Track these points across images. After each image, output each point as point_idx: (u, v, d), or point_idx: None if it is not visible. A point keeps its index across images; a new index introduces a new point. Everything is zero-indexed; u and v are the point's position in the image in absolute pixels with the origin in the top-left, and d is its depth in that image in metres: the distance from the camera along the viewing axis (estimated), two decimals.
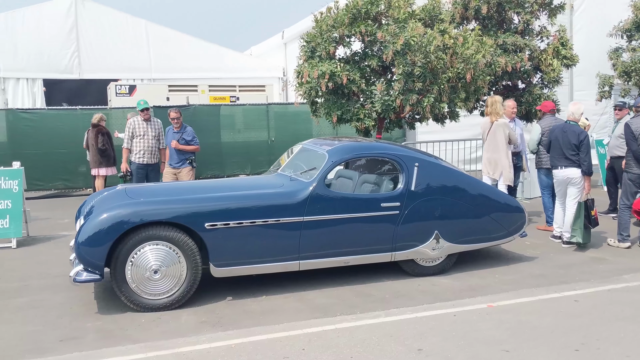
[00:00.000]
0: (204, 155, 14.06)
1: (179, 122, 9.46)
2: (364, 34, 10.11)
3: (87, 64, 19.78)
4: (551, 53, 11.12)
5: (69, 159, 13.01)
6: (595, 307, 5.38)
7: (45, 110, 13.99)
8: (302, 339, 4.74)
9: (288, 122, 14.47)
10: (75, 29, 19.73)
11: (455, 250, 6.48)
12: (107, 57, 19.88)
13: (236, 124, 14.49)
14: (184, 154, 9.43)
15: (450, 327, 4.93)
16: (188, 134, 9.44)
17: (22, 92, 19.23)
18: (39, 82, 19.37)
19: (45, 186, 13.19)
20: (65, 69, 19.66)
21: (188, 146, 9.45)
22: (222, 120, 14.20)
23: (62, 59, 19.63)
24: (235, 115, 14.52)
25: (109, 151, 11.66)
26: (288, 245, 5.79)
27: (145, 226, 5.36)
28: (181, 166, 9.40)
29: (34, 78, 19.38)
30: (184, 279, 5.49)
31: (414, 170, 6.25)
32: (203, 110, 14.07)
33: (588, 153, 7.41)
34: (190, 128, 9.63)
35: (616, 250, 7.51)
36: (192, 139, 9.53)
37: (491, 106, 8.54)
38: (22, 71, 19.07)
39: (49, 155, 13.01)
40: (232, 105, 14.90)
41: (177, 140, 9.37)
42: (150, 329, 5.06)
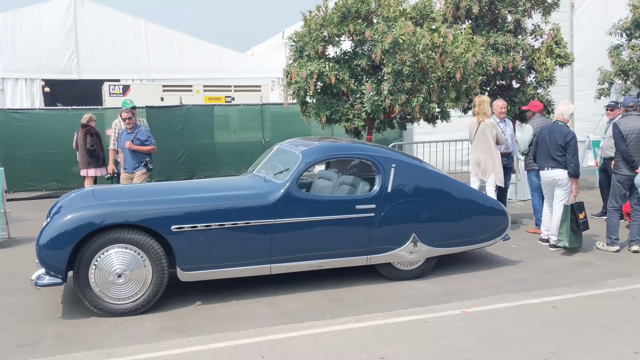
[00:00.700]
0: (198, 156, 13.99)
1: (132, 122, 8.97)
2: (353, 33, 9.97)
3: (86, 65, 19.71)
4: (545, 52, 10.93)
5: (61, 160, 12.91)
6: (572, 313, 5.20)
7: (37, 111, 13.95)
8: (264, 346, 4.59)
9: (283, 122, 14.32)
10: (74, 29, 19.67)
11: (434, 254, 6.31)
12: (106, 57, 19.79)
13: (230, 124, 14.36)
14: (139, 156, 8.91)
15: (419, 334, 4.76)
16: (142, 133, 8.93)
17: (21, 93, 19.18)
18: (38, 83, 19.33)
19: (37, 187, 13.11)
20: (64, 69, 19.59)
21: (143, 147, 8.90)
22: (216, 120, 14.07)
23: (61, 59, 19.56)
24: (230, 115, 14.39)
25: (98, 152, 11.54)
26: (259, 249, 5.65)
27: (109, 229, 5.23)
28: (136, 169, 8.88)
29: (33, 78, 19.33)
30: (149, 284, 5.35)
31: (391, 172, 6.08)
32: (196, 111, 13.96)
33: (575, 154, 7.21)
34: (145, 127, 9.17)
35: (604, 254, 7.30)
36: (147, 139, 8.97)
37: (479, 106, 8.36)
38: (21, 71, 19.02)
39: (41, 156, 12.94)
40: (226, 106, 14.76)
41: (131, 141, 8.86)
42: (111, 335, 4.93)
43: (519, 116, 11.19)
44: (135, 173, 8.81)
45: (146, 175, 8.93)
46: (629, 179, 7.25)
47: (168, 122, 13.67)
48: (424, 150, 13.46)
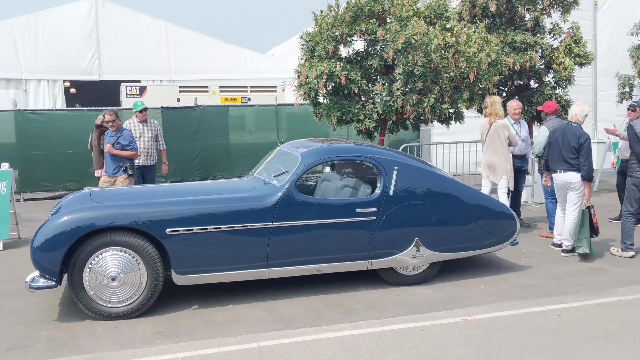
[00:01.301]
0: (213, 156, 13.96)
1: (115, 124, 8.66)
2: (365, 33, 9.84)
3: (107, 66, 19.87)
4: (563, 51, 10.66)
5: (77, 160, 12.97)
6: (577, 322, 5.00)
7: (54, 111, 14.07)
8: (255, 353, 4.49)
9: (298, 123, 14.22)
10: (95, 30, 19.84)
11: (438, 259, 6.15)
12: (127, 58, 19.91)
13: (245, 125, 14.31)
14: (120, 161, 8.61)
15: (414, 343, 4.61)
16: (124, 137, 8.65)
17: (43, 94, 19.40)
18: (60, 84, 19.55)
19: (53, 187, 13.21)
20: (86, 70, 19.77)
21: (123, 151, 8.56)
22: (230, 121, 14.03)
23: (82, 61, 19.74)
24: (244, 116, 14.34)
25: None
26: (256, 252, 5.55)
27: (103, 231, 5.18)
28: (116, 174, 8.60)
29: (55, 79, 19.55)
30: (144, 287, 5.29)
31: (393, 174, 5.93)
32: (211, 111, 13.94)
33: (588, 157, 6.97)
34: (128, 132, 8.87)
35: (618, 260, 7.05)
36: (128, 144, 8.64)
37: (490, 107, 8.16)
38: (43, 73, 19.22)
39: (57, 156, 13.02)
40: (241, 106, 14.72)
41: (112, 145, 8.58)
42: (102, 339, 4.87)
43: (536, 117, 10.94)
44: (117, 179, 8.55)
45: (128, 180, 8.62)
46: None
47: (183, 122, 13.68)
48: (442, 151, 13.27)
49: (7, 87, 19.15)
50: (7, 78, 19.06)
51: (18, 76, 19.16)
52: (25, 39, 19.05)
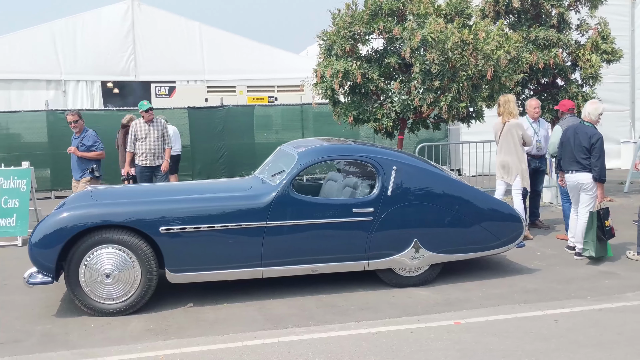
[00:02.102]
0: (238, 156, 14.08)
1: (78, 125, 8.48)
2: (383, 31, 9.76)
3: (142, 67, 20.27)
4: (590, 48, 10.34)
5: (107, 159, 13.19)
6: (572, 329, 4.83)
7: (84, 111, 14.31)
8: (236, 353, 4.50)
9: (323, 122, 14.22)
10: (131, 32, 20.24)
11: (438, 260, 6.04)
12: (162, 59, 20.27)
13: (270, 124, 14.39)
14: (85, 163, 8.42)
15: (398, 346, 4.54)
16: (88, 138, 8.43)
17: (82, 94, 19.93)
18: (98, 84, 20.04)
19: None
20: (122, 71, 20.22)
21: (88, 153, 8.38)
22: (256, 120, 14.13)
23: (119, 62, 20.19)
24: (270, 115, 14.42)
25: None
26: (250, 252, 5.55)
27: (99, 229, 5.27)
28: (81, 177, 8.42)
29: (93, 80, 20.05)
30: (138, 284, 5.36)
31: (392, 174, 5.86)
32: (237, 111, 14.05)
33: (600, 157, 6.74)
34: (92, 132, 8.63)
35: (633, 264, 6.80)
36: (93, 144, 8.43)
37: (503, 105, 7.98)
38: (82, 74, 19.73)
39: None
40: (267, 106, 14.80)
41: (76, 147, 8.41)
42: (93, 335, 4.96)
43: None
44: (81, 182, 8.34)
45: (93, 182, 8.37)
46: None
47: (209, 122, 13.84)
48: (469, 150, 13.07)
49: (47, 88, 19.76)
50: (48, 79, 19.65)
51: (58, 77, 19.74)
52: (64, 41, 19.58)
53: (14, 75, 19.00)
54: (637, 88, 16.24)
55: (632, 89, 16.24)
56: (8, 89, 19.07)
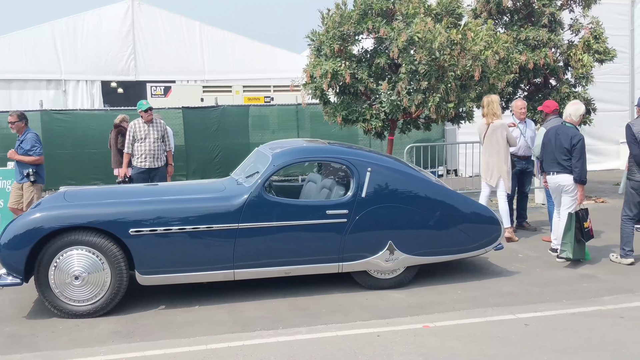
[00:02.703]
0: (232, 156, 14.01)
1: (17, 127, 8.07)
2: (372, 31, 9.72)
3: (142, 66, 20.31)
4: (581, 48, 10.24)
5: (100, 159, 13.27)
6: (540, 333, 4.77)
7: (77, 111, 14.42)
8: (198, 356, 4.48)
9: (319, 123, 14.12)
10: (132, 31, 20.27)
11: (413, 263, 5.99)
12: (162, 58, 20.31)
13: (265, 124, 14.35)
14: (23, 166, 8.02)
15: (361, 349, 4.50)
16: (27, 142, 7.96)
17: (82, 94, 19.99)
18: (98, 84, 20.09)
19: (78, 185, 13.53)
20: (122, 71, 20.27)
21: (25, 157, 7.93)
22: (251, 121, 14.10)
23: (119, 62, 20.24)
24: (265, 115, 14.38)
25: None
26: (221, 254, 5.53)
27: (68, 230, 5.26)
28: (21, 181, 8.07)
29: (93, 80, 20.11)
30: (107, 286, 5.34)
31: (366, 176, 5.81)
32: (232, 111, 14.03)
33: (581, 158, 6.66)
34: (33, 134, 8.16)
35: (614, 267, 6.72)
36: (31, 148, 7.95)
37: (487, 106, 7.92)
38: (82, 73, 19.79)
39: (81, 155, 13.35)
40: (262, 106, 14.78)
41: (14, 149, 8.00)
42: (59, 337, 4.95)
43: None
44: (23, 186, 8.05)
45: (34, 188, 8.09)
46: None
47: (204, 122, 13.82)
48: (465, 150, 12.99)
49: (47, 88, 19.84)
50: (48, 79, 19.72)
51: (58, 77, 19.80)
52: (64, 41, 19.63)
53: (15, 75, 19.08)
54: (636, 88, 16.08)
55: (631, 89, 16.09)
56: (9, 88, 19.17)
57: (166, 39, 20.48)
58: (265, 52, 21.07)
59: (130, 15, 20.39)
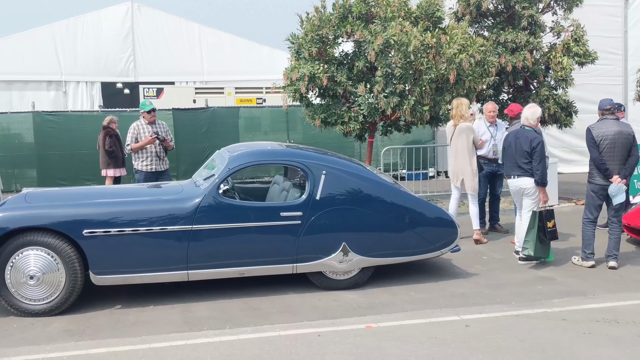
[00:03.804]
0: None
1: None
2: (350, 34, 9.80)
3: (142, 68, 20.52)
4: (561, 50, 10.25)
5: (90, 160, 13.36)
6: (478, 334, 4.84)
7: (69, 113, 14.61)
8: (139, 354, 4.59)
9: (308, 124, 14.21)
10: (131, 33, 20.49)
11: (368, 264, 6.07)
12: (161, 60, 20.51)
13: (255, 126, 14.48)
14: None
15: (298, 349, 4.59)
16: None
17: (82, 95, 20.24)
18: (97, 85, 20.32)
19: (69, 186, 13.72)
20: (121, 72, 20.50)
21: None
22: (241, 122, 14.23)
23: (119, 63, 20.47)
24: (255, 117, 14.51)
25: (117, 153, 11.87)
26: (175, 255, 5.64)
27: (24, 231, 5.40)
28: None
29: (92, 81, 20.35)
30: (62, 286, 5.47)
31: (321, 179, 5.90)
32: (222, 113, 14.17)
33: (541, 161, 6.72)
34: None
35: (573, 270, 6.76)
36: None
37: (456, 108, 7.97)
38: (82, 75, 20.03)
39: (72, 156, 13.52)
40: (252, 108, 14.90)
41: None
42: (12, 335, 5.09)
43: None
44: None
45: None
46: (603, 189, 6.67)
47: (194, 124, 13.96)
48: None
49: (48, 89, 20.09)
50: (48, 80, 19.96)
51: (58, 78, 20.04)
52: (65, 43, 19.86)
53: (16, 76, 19.34)
54: (630, 90, 16.00)
55: (624, 91, 16.04)
56: (9, 89, 19.42)
57: (165, 40, 20.66)
58: (264, 53, 21.18)
59: (130, 17, 20.59)
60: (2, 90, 19.28)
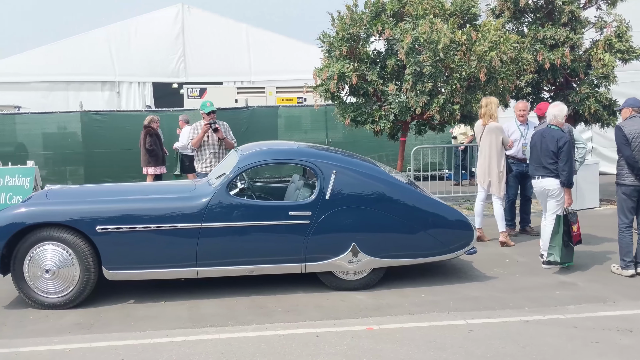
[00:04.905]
0: None
1: None
2: (381, 32, 9.73)
3: (191, 68, 20.99)
4: (602, 47, 9.84)
5: (134, 158, 13.75)
6: (479, 340, 4.71)
7: (114, 112, 15.01)
8: (138, 349, 4.69)
9: None
10: (181, 35, 20.97)
11: (378, 265, 6.00)
12: (210, 61, 20.89)
13: (294, 125, 14.54)
14: None
15: (292, 349, 4.59)
16: None
17: (134, 95, 20.87)
18: (149, 86, 20.89)
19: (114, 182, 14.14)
20: (172, 73, 21.02)
21: None
22: (280, 121, 14.32)
23: (169, 64, 20.99)
24: (294, 116, 14.57)
25: (157, 151, 12.20)
26: (184, 252, 5.73)
27: (41, 227, 5.60)
28: None
29: (144, 82, 20.93)
30: (77, 281, 5.64)
31: (331, 178, 5.87)
32: (261, 112, 14.29)
33: (568, 162, 6.46)
34: None
35: (599, 275, 6.48)
36: None
37: (485, 107, 7.77)
38: (134, 75, 20.65)
39: (117, 154, 13.90)
40: (291, 107, 14.97)
41: None
42: (25, 327, 5.28)
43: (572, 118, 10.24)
44: None
45: None
46: (636, 190, 6.35)
47: (233, 123, 13.95)
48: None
49: (102, 89, 20.80)
50: (103, 81, 20.65)
51: (112, 79, 20.71)
52: (118, 45, 20.49)
53: (72, 77, 20.12)
54: None
55: None
56: (66, 90, 20.21)
57: (214, 41, 21.02)
58: (312, 52, 21.18)
59: (181, 18, 21.07)
60: (60, 91, 20.09)
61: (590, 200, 10.16)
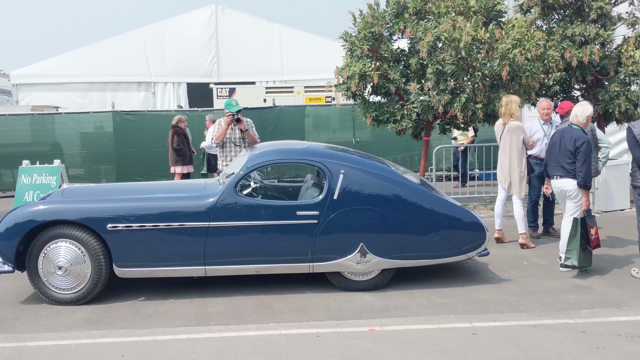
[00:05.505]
0: None
1: None
2: (403, 31, 9.65)
3: (225, 68, 21.16)
4: (633, 43, 9.55)
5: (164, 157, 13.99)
6: (481, 343, 4.62)
7: (145, 112, 15.24)
8: (140, 345, 4.77)
9: None
10: (215, 35, 21.16)
11: (387, 266, 5.94)
12: (243, 61, 21.02)
13: (322, 124, 14.54)
14: None
15: (291, 349, 4.59)
16: None
17: (169, 95, 21.16)
18: (183, 86, 21.16)
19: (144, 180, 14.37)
20: (206, 73, 21.22)
21: None
22: (308, 121, 14.34)
23: (203, 64, 21.20)
24: (321, 116, 14.57)
25: (184, 151, 12.37)
26: (193, 251, 5.78)
27: (55, 224, 5.73)
28: None
29: (179, 82, 21.21)
30: (88, 277, 5.75)
31: (339, 178, 5.84)
32: (289, 112, 14.33)
33: (585, 162, 6.28)
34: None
35: (619, 279, 6.27)
36: None
37: (505, 106, 7.62)
38: (168, 76, 20.93)
39: (147, 154, 14.15)
40: (318, 106, 14.96)
41: None
42: (37, 322, 5.41)
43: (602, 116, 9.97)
44: None
45: None
46: None
47: (261, 122, 14.14)
48: None
49: (138, 90, 21.16)
50: (138, 81, 21.00)
51: (147, 79, 21.04)
52: (153, 46, 20.79)
53: (109, 78, 20.51)
54: None
55: None
56: (104, 90, 20.62)
57: (247, 41, 21.14)
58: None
59: (214, 19, 21.25)
60: (97, 91, 20.52)
61: (620, 202, 9.87)
